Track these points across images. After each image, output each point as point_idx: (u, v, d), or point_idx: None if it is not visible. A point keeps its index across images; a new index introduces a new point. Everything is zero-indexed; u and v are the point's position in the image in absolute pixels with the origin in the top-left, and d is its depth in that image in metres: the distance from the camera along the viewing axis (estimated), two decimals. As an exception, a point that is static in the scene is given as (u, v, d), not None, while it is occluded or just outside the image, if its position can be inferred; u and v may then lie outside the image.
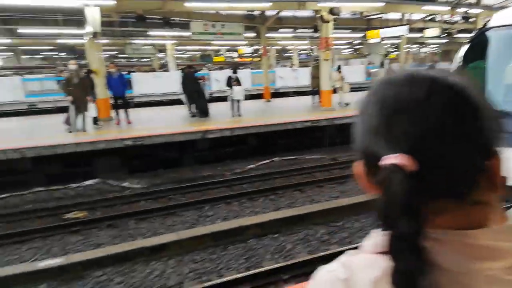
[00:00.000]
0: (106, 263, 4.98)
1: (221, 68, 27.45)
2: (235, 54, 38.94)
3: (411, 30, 16.18)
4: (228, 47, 34.03)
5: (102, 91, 11.09)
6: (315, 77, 13.52)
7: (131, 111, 11.38)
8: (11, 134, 9.69)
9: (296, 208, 6.88)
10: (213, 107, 12.12)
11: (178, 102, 17.15)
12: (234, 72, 11.36)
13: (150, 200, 7.64)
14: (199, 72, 16.30)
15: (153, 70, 25.66)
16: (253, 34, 16.33)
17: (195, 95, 11.42)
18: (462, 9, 13.44)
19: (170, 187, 8.22)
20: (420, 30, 19.31)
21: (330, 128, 11.03)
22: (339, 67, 13.30)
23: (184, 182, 8.58)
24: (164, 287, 4.61)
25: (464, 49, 5.88)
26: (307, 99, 15.96)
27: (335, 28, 13.05)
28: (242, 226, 5.85)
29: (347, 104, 13.11)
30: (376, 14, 16.51)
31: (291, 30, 22.29)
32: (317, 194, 7.76)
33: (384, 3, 12.42)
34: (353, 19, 17.96)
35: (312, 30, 16.26)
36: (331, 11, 10.96)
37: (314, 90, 14.09)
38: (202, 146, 9.68)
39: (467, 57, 5.72)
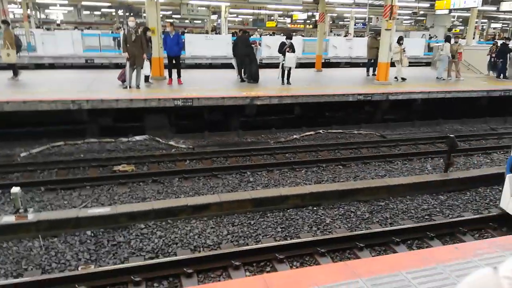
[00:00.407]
0: (150, 216, 5.19)
1: (273, 34, 26.79)
2: (287, 20, 37.82)
3: (484, 2, 14.64)
4: (281, 12, 33.05)
5: (157, 50, 11.24)
6: (373, 47, 12.75)
7: (182, 72, 11.50)
8: (70, 86, 10.20)
9: (339, 183, 6.72)
10: (262, 74, 11.92)
11: (228, 66, 17.12)
12: (288, 38, 10.96)
13: (195, 160, 7.81)
14: (251, 37, 15.98)
15: (206, 32, 25.63)
16: (310, -1, 15.59)
17: (247, 60, 11.23)
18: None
19: (214, 150, 8.33)
20: (493, 2, 17.45)
21: (383, 103, 10.49)
22: (400, 39, 12.38)
23: (228, 146, 8.65)
24: (202, 246, 4.73)
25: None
26: (360, 71, 15.23)
27: (400, -4, 12.08)
28: (282, 195, 5.82)
29: (403, 79, 12.34)
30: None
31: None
32: (362, 171, 7.51)
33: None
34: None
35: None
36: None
37: (370, 62, 13.36)
38: (249, 112, 9.63)
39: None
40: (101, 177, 6.67)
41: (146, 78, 10.90)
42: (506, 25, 35.37)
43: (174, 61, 11.01)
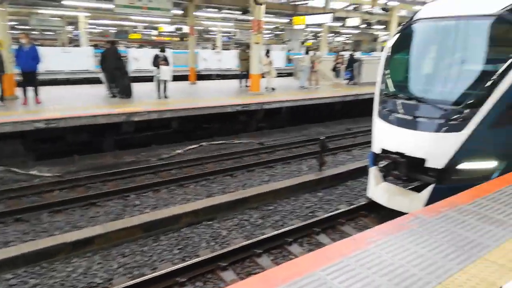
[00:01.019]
0: (18, 263, 4.32)
1: (141, 46, 25.74)
2: (153, 32, 36.92)
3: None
4: (146, 24, 32.06)
5: (7, 65, 9.56)
6: (244, 60, 13.38)
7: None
8: None
9: (229, 193, 6.75)
10: (133, 87, 11.29)
11: (92, 81, 15.76)
12: (162, 50, 10.66)
13: (66, 189, 6.88)
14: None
15: (63, 45, 23.06)
16: (180, 12, 15.50)
17: (117, 74, 10.46)
18: (382, 1, 14.39)
19: (88, 175, 7.48)
20: (338, 19, 20.34)
21: (259, 112, 11.06)
22: (267, 52, 13.34)
23: (105, 169, 7.89)
24: (89, 286, 4.15)
25: (393, 39, 6.24)
26: (233, 82, 15.82)
27: (262, 12, 12.91)
28: (175, 215, 5.57)
29: (273, 89, 13.28)
30: (302, 0, 16.87)
31: (216, 10, 21.80)
32: (248, 179, 7.74)
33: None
34: (280, 4, 18.14)
35: (241, 12, 16.03)
36: (265, -7, 10.85)
37: (242, 74, 13.98)
38: (126, 130, 8.96)
39: (395, 47, 6.08)
40: None
41: (-4, 99, 9.17)
42: (347, 39, 41.71)
43: (30, 77, 9.51)
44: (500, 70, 4.74)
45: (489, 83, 4.76)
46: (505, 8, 4.85)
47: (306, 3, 17.01)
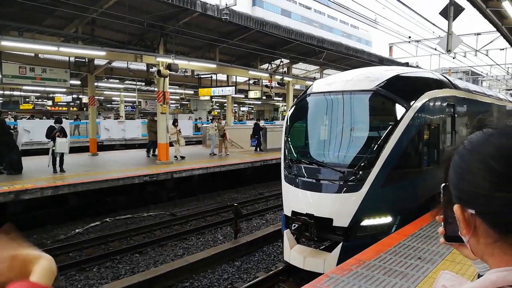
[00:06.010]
0: None
1: (32, 117, 23.72)
2: (48, 102, 34.49)
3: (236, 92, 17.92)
4: (39, 94, 29.95)
5: None
6: (151, 130, 13.20)
7: None
8: None
9: (139, 273, 6.18)
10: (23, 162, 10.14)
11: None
12: (58, 122, 9.93)
13: None
14: None
15: None
16: (77, 82, 14.95)
17: (4, 148, 9.33)
18: (278, 76, 15.91)
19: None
20: (241, 91, 21.79)
21: (169, 182, 10.75)
22: (175, 121, 13.41)
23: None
24: None
25: (290, 111, 6.90)
26: (139, 152, 15.34)
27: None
28: (75, 306, 4.84)
29: (183, 158, 13.18)
30: (207, 74, 17.75)
31: (117, 81, 21.59)
32: (160, 254, 7.24)
33: (216, 65, 13.49)
34: (184, 76, 18.75)
35: (144, 83, 16.12)
36: (169, 67, 11.11)
37: (150, 143, 13.70)
38: (13, 210, 7.81)
39: (293, 117, 6.72)
40: None
41: None
42: (251, 108, 44.60)
43: None
44: (383, 136, 5.52)
45: (375, 147, 5.48)
46: (377, 85, 5.84)
47: (210, 77, 17.95)
